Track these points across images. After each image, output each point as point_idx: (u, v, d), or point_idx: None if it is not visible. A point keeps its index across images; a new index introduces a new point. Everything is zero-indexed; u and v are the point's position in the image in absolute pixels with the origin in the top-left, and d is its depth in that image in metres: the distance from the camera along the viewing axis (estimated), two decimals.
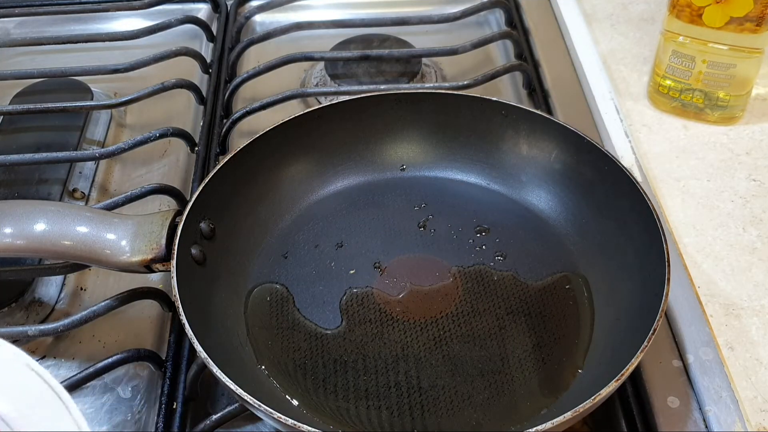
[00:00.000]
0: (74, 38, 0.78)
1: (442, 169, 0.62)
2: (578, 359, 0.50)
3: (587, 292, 0.53)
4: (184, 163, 0.69)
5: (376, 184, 0.62)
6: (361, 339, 0.51)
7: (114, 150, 0.64)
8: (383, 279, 0.55)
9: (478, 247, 0.57)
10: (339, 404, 0.48)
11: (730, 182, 0.62)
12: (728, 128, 0.67)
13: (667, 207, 0.60)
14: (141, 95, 0.69)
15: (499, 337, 0.51)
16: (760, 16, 0.59)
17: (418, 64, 0.76)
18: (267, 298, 0.54)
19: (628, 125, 0.67)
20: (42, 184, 0.65)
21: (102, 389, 0.53)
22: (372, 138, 0.62)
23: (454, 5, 0.82)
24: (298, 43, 0.78)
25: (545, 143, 0.59)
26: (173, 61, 0.74)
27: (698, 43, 0.63)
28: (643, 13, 0.80)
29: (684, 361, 0.51)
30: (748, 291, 0.54)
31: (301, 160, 0.60)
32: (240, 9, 0.84)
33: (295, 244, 0.58)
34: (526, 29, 0.80)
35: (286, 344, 0.51)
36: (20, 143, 0.69)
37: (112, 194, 0.67)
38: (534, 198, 0.59)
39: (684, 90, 0.66)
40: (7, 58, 0.81)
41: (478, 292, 0.54)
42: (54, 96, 0.73)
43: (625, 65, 0.73)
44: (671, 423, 0.48)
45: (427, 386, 0.49)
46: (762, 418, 0.47)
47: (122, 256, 0.49)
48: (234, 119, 0.69)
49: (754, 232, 0.58)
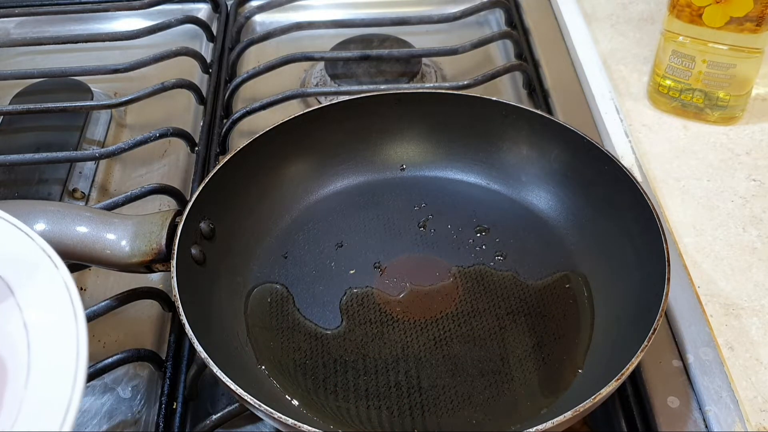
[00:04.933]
0: (74, 38, 0.78)
1: (442, 169, 0.62)
2: (578, 359, 0.50)
3: (587, 292, 0.53)
4: (184, 163, 0.69)
5: (376, 184, 0.62)
6: (361, 339, 0.51)
7: (114, 150, 0.64)
8: (383, 279, 0.55)
9: (478, 247, 0.57)
10: (339, 404, 0.48)
11: (730, 182, 0.62)
12: (728, 128, 0.67)
13: (667, 207, 0.60)
14: (141, 95, 0.69)
15: (499, 337, 0.51)
16: (760, 16, 0.59)
17: (418, 64, 0.76)
18: (267, 298, 0.54)
19: (628, 125, 0.67)
20: (42, 184, 0.65)
21: (102, 389, 0.53)
22: (372, 138, 0.62)
23: (454, 5, 0.82)
24: (298, 43, 0.78)
25: (545, 143, 0.59)
26: (173, 61, 0.74)
27: (698, 43, 0.63)
28: (643, 13, 0.80)
29: (684, 361, 0.51)
30: (748, 291, 0.54)
31: (301, 160, 0.60)
32: (240, 9, 0.84)
33: (295, 244, 0.58)
34: (526, 29, 0.80)
35: (286, 344, 0.51)
36: (20, 143, 0.69)
37: (112, 194, 0.67)
38: (534, 198, 0.59)
39: (684, 90, 0.66)
40: (7, 58, 0.81)
41: (478, 292, 0.54)
42: (54, 96, 0.73)
43: (625, 65, 0.73)
44: (671, 423, 0.48)
45: (427, 386, 0.49)
46: (762, 418, 0.47)
47: (122, 256, 0.49)
48: (234, 119, 0.69)
49: (754, 232, 0.58)
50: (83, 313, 0.37)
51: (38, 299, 0.38)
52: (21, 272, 0.40)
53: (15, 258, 0.40)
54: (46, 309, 0.38)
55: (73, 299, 0.38)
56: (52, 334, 0.37)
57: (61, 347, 0.36)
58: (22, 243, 0.41)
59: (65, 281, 0.39)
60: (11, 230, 0.41)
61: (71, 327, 0.37)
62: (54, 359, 0.36)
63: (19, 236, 0.41)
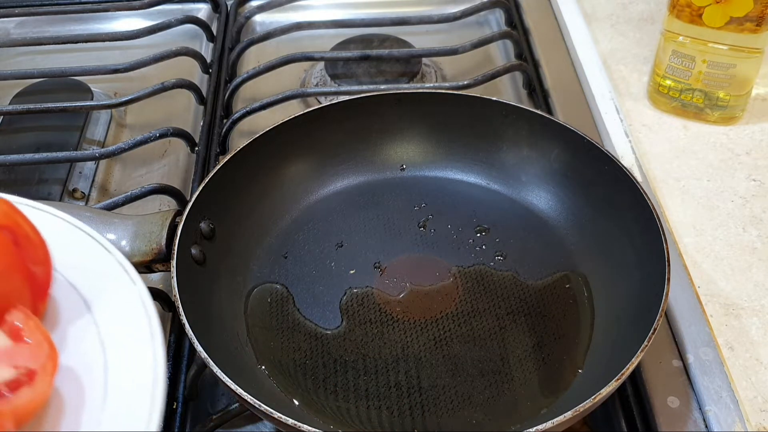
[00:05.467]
0: (74, 38, 0.78)
1: (442, 169, 0.62)
2: (578, 359, 0.50)
3: (587, 292, 0.53)
4: (184, 163, 0.69)
5: (376, 184, 0.62)
6: (361, 339, 0.51)
7: (114, 150, 0.64)
8: (383, 279, 0.55)
9: (478, 247, 0.57)
10: (339, 404, 0.48)
11: (730, 182, 0.62)
12: (728, 128, 0.67)
13: (667, 207, 0.60)
14: (141, 95, 0.69)
15: (499, 337, 0.51)
16: (760, 16, 0.59)
17: (418, 64, 0.76)
18: (267, 298, 0.54)
19: (628, 125, 0.67)
20: (42, 184, 0.65)
21: None
22: (372, 138, 0.62)
23: (454, 5, 0.82)
24: (298, 43, 0.78)
25: (545, 143, 0.59)
26: (173, 61, 0.74)
27: (698, 43, 0.63)
28: (643, 13, 0.80)
29: (684, 361, 0.51)
30: (748, 291, 0.54)
31: (301, 160, 0.60)
32: (240, 9, 0.84)
33: (295, 244, 0.58)
34: (526, 29, 0.80)
35: (286, 344, 0.51)
36: (20, 143, 0.69)
37: (112, 194, 0.67)
38: (534, 198, 0.59)
39: (684, 90, 0.66)
40: (7, 58, 0.81)
41: (478, 292, 0.54)
42: (54, 96, 0.73)
43: (625, 65, 0.73)
44: (671, 423, 0.48)
45: (427, 386, 0.49)
46: (762, 418, 0.47)
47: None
48: (234, 119, 0.69)
49: (754, 232, 0.58)
50: (161, 333, 0.36)
51: (115, 316, 0.38)
52: (98, 287, 0.39)
53: (92, 271, 0.39)
54: (123, 326, 0.37)
55: (150, 317, 0.37)
56: (129, 353, 0.36)
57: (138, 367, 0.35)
58: (98, 256, 0.40)
59: (142, 298, 0.38)
60: (88, 242, 0.40)
61: (148, 346, 0.36)
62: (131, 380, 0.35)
63: (96, 248, 0.40)
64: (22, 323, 0.36)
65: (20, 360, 0.35)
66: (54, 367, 0.35)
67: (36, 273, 0.38)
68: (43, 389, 0.34)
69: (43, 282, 0.39)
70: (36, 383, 0.34)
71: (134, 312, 0.37)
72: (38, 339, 0.35)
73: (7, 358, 0.35)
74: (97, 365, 0.36)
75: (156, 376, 0.35)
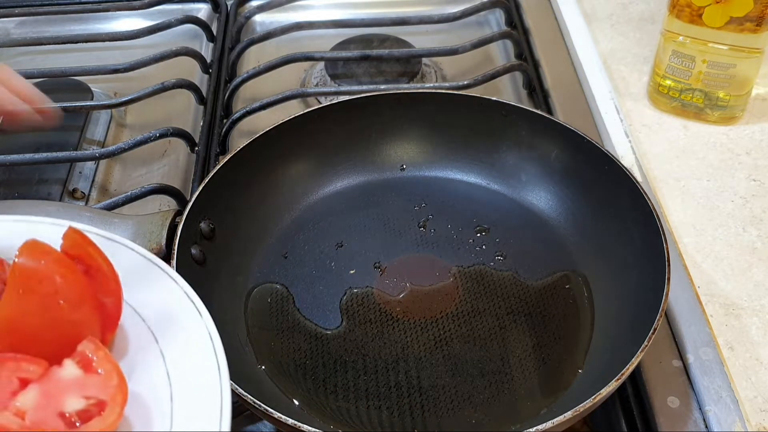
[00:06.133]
0: (74, 38, 0.78)
1: (442, 169, 0.62)
2: (578, 359, 0.50)
3: (587, 292, 0.53)
4: (184, 163, 0.69)
5: (376, 184, 0.62)
6: (361, 339, 0.51)
7: (114, 150, 0.64)
8: (383, 279, 0.55)
9: (478, 247, 0.57)
10: (339, 404, 0.48)
11: (730, 182, 0.62)
12: (728, 128, 0.67)
13: (667, 207, 0.60)
14: (141, 95, 0.69)
15: (499, 337, 0.51)
16: (760, 16, 0.59)
17: (418, 64, 0.76)
18: (267, 298, 0.54)
19: (628, 125, 0.67)
20: (42, 184, 0.65)
21: None
22: (372, 138, 0.62)
23: (454, 5, 0.82)
24: (298, 43, 0.78)
25: (545, 143, 0.59)
26: (173, 61, 0.74)
27: (698, 43, 0.63)
28: (643, 13, 0.80)
29: (684, 361, 0.51)
30: (748, 291, 0.54)
31: (301, 160, 0.60)
32: (240, 9, 0.84)
33: (295, 244, 0.58)
34: (526, 29, 0.80)
35: (286, 344, 0.51)
36: (20, 143, 0.69)
37: (112, 194, 0.67)
38: (534, 198, 0.59)
39: (684, 90, 0.66)
40: (7, 58, 0.81)
41: (478, 292, 0.54)
42: (54, 96, 0.73)
43: (625, 65, 0.73)
44: (671, 423, 0.48)
45: (427, 386, 0.49)
46: (762, 418, 0.47)
47: None
48: (234, 119, 0.69)
49: (754, 232, 0.58)
50: (227, 367, 0.36)
51: (182, 349, 0.37)
52: (165, 318, 0.39)
53: (159, 302, 0.39)
54: (190, 358, 0.37)
55: (216, 351, 0.37)
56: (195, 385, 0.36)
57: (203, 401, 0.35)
58: (166, 286, 0.40)
59: (209, 331, 0.38)
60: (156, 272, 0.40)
61: (215, 380, 0.36)
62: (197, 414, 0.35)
63: (164, 278, 0.40)
64: (93, 354, 0.36)
65: (91, 391, 0.35)
66: (123, 398, 0.35)
67: (106, 304, 0.38)
68: (112, 420, 0.34)
69: (113, 313, 0.38)
70: (106, 414, 0.34)
71: (201, 344, 0.37)
72: (108, 370, 0.35)
73: (78, 388, 0.35)
74: (163, 396, 0.36)
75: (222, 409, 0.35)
